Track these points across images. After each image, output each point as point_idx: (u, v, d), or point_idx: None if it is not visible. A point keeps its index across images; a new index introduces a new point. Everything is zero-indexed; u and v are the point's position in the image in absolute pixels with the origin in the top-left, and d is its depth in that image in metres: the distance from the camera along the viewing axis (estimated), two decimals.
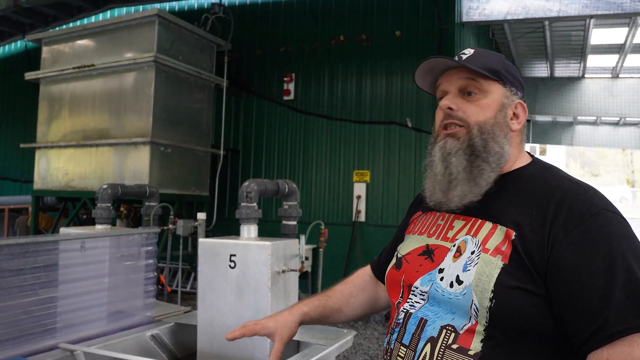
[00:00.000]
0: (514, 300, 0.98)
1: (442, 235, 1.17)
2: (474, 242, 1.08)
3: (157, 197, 5.07)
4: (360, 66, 7.48)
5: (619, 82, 12.95)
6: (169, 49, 6.79)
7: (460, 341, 1.03)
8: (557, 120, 16.12)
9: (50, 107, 7.36)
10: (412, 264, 1.19)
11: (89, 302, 2.52)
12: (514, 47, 11.00)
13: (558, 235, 0.98)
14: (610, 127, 15.98)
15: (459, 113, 1.14)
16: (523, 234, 1.02)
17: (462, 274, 1.05)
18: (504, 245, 1.03)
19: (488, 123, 1.13)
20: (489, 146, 1.12)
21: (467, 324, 1.03)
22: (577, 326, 0.94)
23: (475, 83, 1.15)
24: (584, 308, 0.93)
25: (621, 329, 0.89)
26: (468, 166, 1.11)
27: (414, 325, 1.11)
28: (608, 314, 0.90)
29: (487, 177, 1.11)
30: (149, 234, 2.88)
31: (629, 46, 10.41)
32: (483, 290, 1.00)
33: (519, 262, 1.00)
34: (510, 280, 0.99)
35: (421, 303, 1.13)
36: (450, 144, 1.14)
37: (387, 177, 7.14)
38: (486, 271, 1.02)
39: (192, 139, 7.19)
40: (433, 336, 1.06)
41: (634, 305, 0.90)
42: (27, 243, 2.24)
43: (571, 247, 0.97)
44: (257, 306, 2.45)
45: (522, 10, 7.40)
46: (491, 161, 1.11)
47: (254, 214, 2.74)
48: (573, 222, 0.98)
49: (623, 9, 6.92)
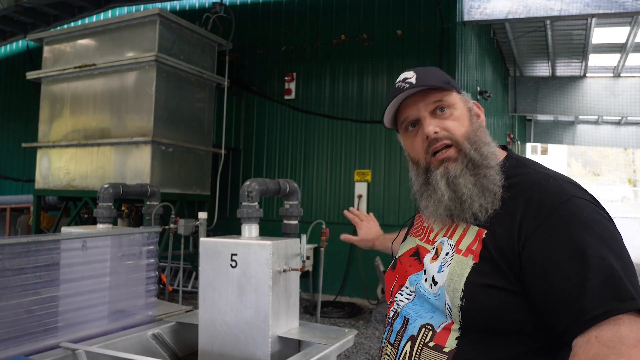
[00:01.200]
0: (483, 298, 1.00)
1: (425, 237, 1.23)
2: (449, 244, 1.12)
3: (158, 196, 5.08)
4: (362, 65, 7.47)
5: (621, 81, 12.93)
6: (170, 48, 6.79)
7: (437, 339, 1.06)
8: (558, 119, 16.11)
9: (51, 107, 7.37)
10: (404, 264, 1.25)
11: (90, 301, 2.53)
12: (515, 47, 10.98)
13: (529, 227, 0.99)
14: (611, 126, 15.96)
15: (443, 133, 1.15)
16: (493, 230, 1.04)
17: (437, 275, 1.09)
18: (475, 245, 1.06)
19: (470, 131, 1.16)
20: (483, 151, 1.14)
21: (445, 322, 1.06)
22: (557, 315, 0.95)
23: (443, 100, 1.17)
24: (562, 296, 0.94)
25: (602, 311, 0.90)
26: (476, 180, 1.11)
27: (399, 324, 1.16)
28: (585, 300, 0.91)
29: (494, 180, 1.11)
30: (150, 233, 2.88)
31: (631, 45, 10.39)
32: (454, 290, 1.03)
33: (488, 260, 1.02)
34: (479, 278, 1.01)
35: (405, 302, 1.17)
36: (452, 168, 1.13)
37: (388, 177, 7.13)
38: (457, 271, 1.05)
39: (193, 139, 7.19)
40: (413, 334, 1.11)
41: (611, 288, 0.91)
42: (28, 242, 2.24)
43: (544, 238, 0.98)
44: (258, 305, 2.45)
45: (523, 9, 7.39)
46: (491, 165, 1.13)
47: (255, 213, 2.74)
48: (544, 212, 1.00)
49: (625, 8, 6.91)
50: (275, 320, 2.47)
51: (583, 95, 13.03)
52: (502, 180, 1.11)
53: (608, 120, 15.56)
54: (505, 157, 1.19)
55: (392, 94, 1.20)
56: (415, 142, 1.19)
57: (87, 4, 9.37)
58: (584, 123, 16.19)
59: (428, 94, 1.17)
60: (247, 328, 2.47)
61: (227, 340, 2.51)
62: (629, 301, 0.91)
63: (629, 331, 0.89)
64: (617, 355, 0.88)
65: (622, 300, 0.91)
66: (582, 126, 16.26)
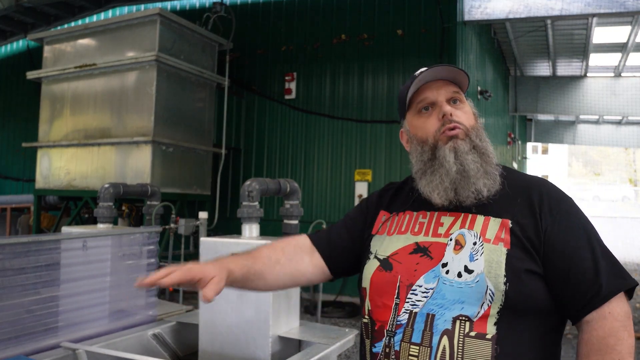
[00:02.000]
0: (525, 282, 1.11)
1: (432, 232, 1.22)
2: (473, 234, 1.17)
3: (158, 196, 5.08)
4: (362, 65, 7.47)
5: (622, 80, 12.92)
6: (170, 48, 6.79)
7: (477, 327, 1.10)
8: (559, 119, 16.10)
9: (52, 106, 7.37)
10: (405, 263, 1.20)
11: (90, 301, 2.53)
12: (516, 46, 10.98)
13: (547, 220, 1.15)
14: (612, 126, 15.95)
15: (456, 118, 1.24)
16: (517, 221, 1.16)
17: (470, 264, 1.13)
18: (503, 233, 1.15)
19: (477, 127, 1.27)
20: (485, 147, 1.25)
21: (480, 310, 1.10)
22: (577, 293, 1.11)
23: (458, 94, 1.29)
24: (581, 277, 1.11)
25: (613, 289, 1.10)
26: (481, 162, 1.22)
27: (422, 322, 1.12)
28: (601, 280, 1.10)
29: (495, 168, 1.23)
30: (150, 233, 2.88)
31: (632, 45, 10.38)
32: (496, 275, 1.10)
33: (520, 247, 1.13)
34: (517, 263, 1.12)
35: (423, 301, 1.14)
36: (461, 144, 1.22)
37: (388, 176, 7.13)
38: (494, 258, 1.12)
39: (193, 138, 7.19)
40: (447, 328, 1.10)
41: (615, 270, 1.13)
42: (29, 242, 2.24)
43: (559, 229, 1.15)
44: (258, 305, 2.45)
45: (524, 8, 7.38)
46: (491, 157, 1.24)
47: (256, 213, 2.74)
48: (555, 208, 1.17)
49: (626, 8, 6.90)
50: (276, 320, 2.47)
51: (584, 95, 13.02)
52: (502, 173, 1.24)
53: (609, 119, 15.56)
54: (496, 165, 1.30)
55: (422, 70, 1.27)
56: (429, 122, 1.27)
57: (87, 3, 9.37)
58: (585, 123, 16.18)
59: (448, 84, 1.28)
60: (247, 328, 2.47)
61: (228, 340, 2.51)
62: (628, 278, 1.13)
63: (626, 306, 1.11)
64: (624, 328, 1.09)
65: (625, 278, 1.12)
66: (582, 126, 16.25)
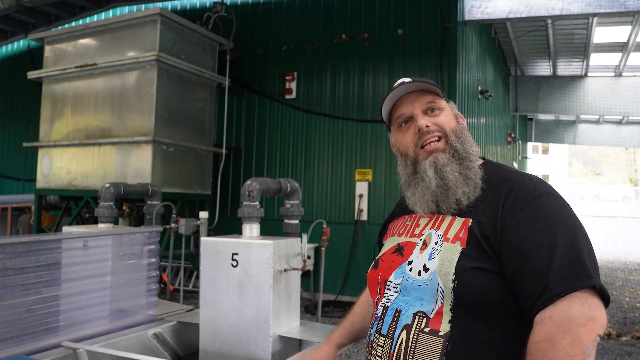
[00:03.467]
0: (473, 279, 1.11)
1: (410, 233, 1.32)
2: (437, 234, 1.23)
3: (159, 196, 5.09)
4: (363, 65, 7.47)
5: (622, 80, 12.91)
6: (171, 48, 6.79)
7: (431, 324, 1.14)
8: (559, 119, 16.09)
9: (52, 106, 7.38)
10: (386, 262, 1.32)
11: (91, 301, 2.53)
12: (516, 46, 10.97)
13: (507, 216, 1.14)
14: (613, 125, 15.93)
15: (434, 127, 1.29)
16: (479, 219, 1.18)
17: (427, 263, 1.19)
18: (462, 232, 1.18)
19: (457, 129, 1.31)
20: (466, 147, 1.28)
21: (435, 307, 1.15)
22: (525, 292, 1.08)
23: (434, 102, 1.32)
24: (530, 276, 1.08)
25: (560, 290, 1.04)
26: (461, 170, 1.25)
27: (391, 316, 1.22)
28: (549, 280, 1.05)
29: (475, 172, 1.25)
30: (151, 232, 2.88)
31: (632, 44, 10.37)
32: (446, 273, 1.14)
33: (476, 245, 1.15)
34: (468, 262, 1.13)
35: (394, 295, 1.24)
36: (440, 158, 1.26)
37: (389, 176, 7.13)
38: (447, 257, 1.16)
39: (194, 138, 7.19)
40: (408, 323, 1.18)
41: (570, 271, 1.05)
42: (30, 242, 2.25)
43: (518, 225, 1.12)
44: (259, 305, 2.46)
45: (524, 8, 7.38)
46: (473, 160, 1.28)
47: (256, 212, 2.74)
48: (520, 204, 1.15)
49: (626, 7, 6.90)
50: (276, 319, 2.48)
51: (584, 95, 13.01)
52: (482, 176, 1.25)
53: (609, 119, 15.54)
54: (483, 162, 1.33)
55: (393, 89, 1.35)
56: (407, 136, 1.33)
57: (88, 3, 9.38)
58: (585, 122, 16.16)
59: (423, 95, 1.32)
60: (248, 327, 2.48)
61: (228, 339, 2.51)
62: (585, 279, 1.04)
63: (579, 311, 1.02)
64: (564, 334, 1.00)
65: (580, 279, 1.04)
66: (583, 125, 16.23)
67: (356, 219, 7.14)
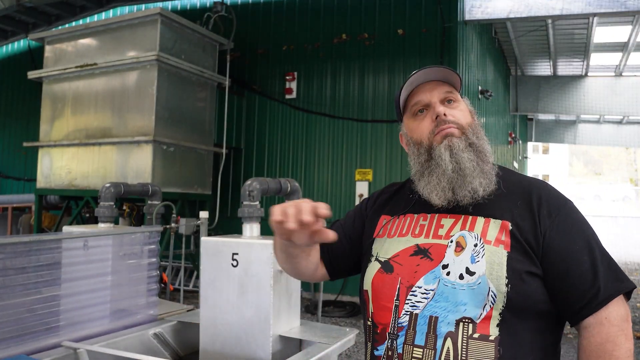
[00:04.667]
0: (525, 284, 1.12)
1: (433, 234, 1.22)
2: (473, 236, 1.17)
3: (159, 195, 5.09)
4: (363, 65, 7.47)
5: (622, 80, 12.91)
6: (171, 47, 6.79)
7: (480, 329, 1.10)
8: (560, 118, 16.08)
9: (53, 106, 7.38)
10: (406, 265, 1.20)
11: (91, 301, 2.53)
12: (516, 46, 10.97)
13: (546, 223, 1.15)
14: (613, 125, 15.93)
15: (451, 117, 1.23)
16: (516, 223, 1.16)
17: (471, 266, 1.14)
18: (503, 235, 1.15)
19: (473, 125, 1.26)
20: (482, 145, 1.24)
21: (482, 312, 1.11)
22: (573, 297, 1.12)
23: (452, 93, 1.27)
24: (578, 281, 1.11)
25: (610, 293, 1.11)
26: (478, 160, 1.21)
27: (424, 324, 1.13)
28: (599, 284, 1.11)
29: (491, 168, 1.22)
30: (151, 232, 2.89)
31: (633, 44, 10.37)
32: (498, 277, 1.11)
33: (520, 249, 1.14)
34: (518, 265, 1.12)
35: (424, 302, 1.14)
36: (456, 142, 1.21)
37: (389, 176, 7.13)
38: (495, 260, 1.13)
39: (194, 138, 7.19)
40: (451, 331, 1.11)
41: (613, 273, 1.13)
42: (30, 241, 2.25)
43: (558, 232, 1.15)
44: (259, 305, 2.46)
45: (525, 8, 7.38)
46: (488, 157, 1.23)
47: (257, 212, 2.74)
48: (555, 211, 1.17)
49: (626, 7, 6.90)
50: (277, 319, 2.48)
51: (584, 95, 13.01)
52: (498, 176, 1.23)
53: (609, 119, 15.54)
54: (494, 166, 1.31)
55: (413, 73, 1.27)
56: (423, 124, 1.27)
57: (88, 3, 9.38)
58: (586, 122, 16.16)
59: (442, 85, 1.27)
60: (248, 327, 2.48)
61: (229, 339, 2.51)
62: (626, 282, 1.13)
63: (624, 309, 1.12)
64: (621, 332, 1.10)
65: (622, 281, 1.13)
66: (583, 125, 16.23)
67: None
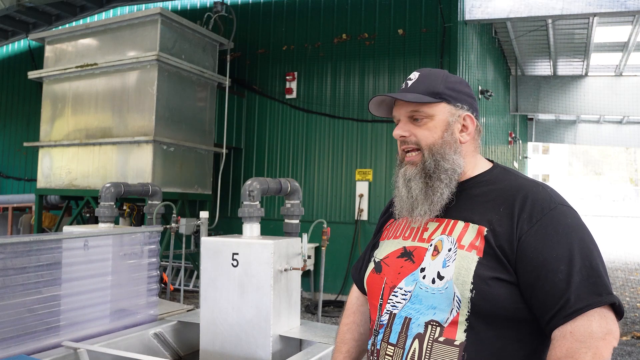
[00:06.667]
0: (491, 290, 1.10)
1: (418, 237, 1.27)
2: (450, 240, 1.19)
3: (159, 195, 5.09)
4: (363, 64, 7.47)
5: (623, 80, 12.90)
6: (171, 47, 6.79)
7: (446, 334, 1.13)
8: (560, 118, 16.08)
9: (53, 106, 7.38)
10: (392, 266, 1.27)
11: (92, 301, 2.53)
12: (516, 45, 10.97)
13: (524, 227, 1.12)
14: (613, 125, 15.92)
15: (412, 138, 1.27)
16: (494, 229, 1.15)
17: (442, 270, 1.16)
18: (477, 241, 1.15)
19: (437, 144, 1.26)
20: (440, 165, 1.25)
21: (449, 317, 1.13)
22: (544, 306, 1.08)
23: (419, 111, 1.26)
24: (549, 290, 1.07)
25: (581, 306, 1.04)
26: (424, 188, 1.25)
27: (399, 324, 1.19)
28: (569, 295, 1.05)
29: (441, 194, 1.24)
30: (151, 232, 2.89)
31: (633, 44, 10.37)
32: (464, 282, 1.12)
33: (492, 255, 1.13)
34: (486, 271, 1.12)
35: (402, 303, 1.21)
36: (409, 171, 1.28)
37: (389, 176, 7.13)
38: (464, 265, 1.13)
39: (194, 138, 7.19)
40: (420, 332, 1.16)
41: (589, 286, 1.06)
42: (30, 241, 2.25)
43: (535, 237, 1.11)
44: (259, 304, 2.46)
45: (525, 8, 7.38)
46: (443, 178, 1.24)
47: (257, 212, 2.74)
48: (536, 215, 1.13)
49: (627, 7, 6.90)
50: (277, 319, 2.48)
51: (585, 95, 13.00)
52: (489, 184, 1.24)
53: (610, 119, 15.53)
54: (492, 167, 1.31)
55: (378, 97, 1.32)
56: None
57: (88, 3, 9.38)
58: (586, 122, 16.15)
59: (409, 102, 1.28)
60: (248, 327, 2.48)
61: (229, 339, 2.52)
62: (605, 295, 1.05)
63: (598, 325, 1.03)
64: (586, 349, 1.02)
65: (600, 295, 1.05)
66: (583, 125, 16.22)
67: (356, 219, 7.14)
